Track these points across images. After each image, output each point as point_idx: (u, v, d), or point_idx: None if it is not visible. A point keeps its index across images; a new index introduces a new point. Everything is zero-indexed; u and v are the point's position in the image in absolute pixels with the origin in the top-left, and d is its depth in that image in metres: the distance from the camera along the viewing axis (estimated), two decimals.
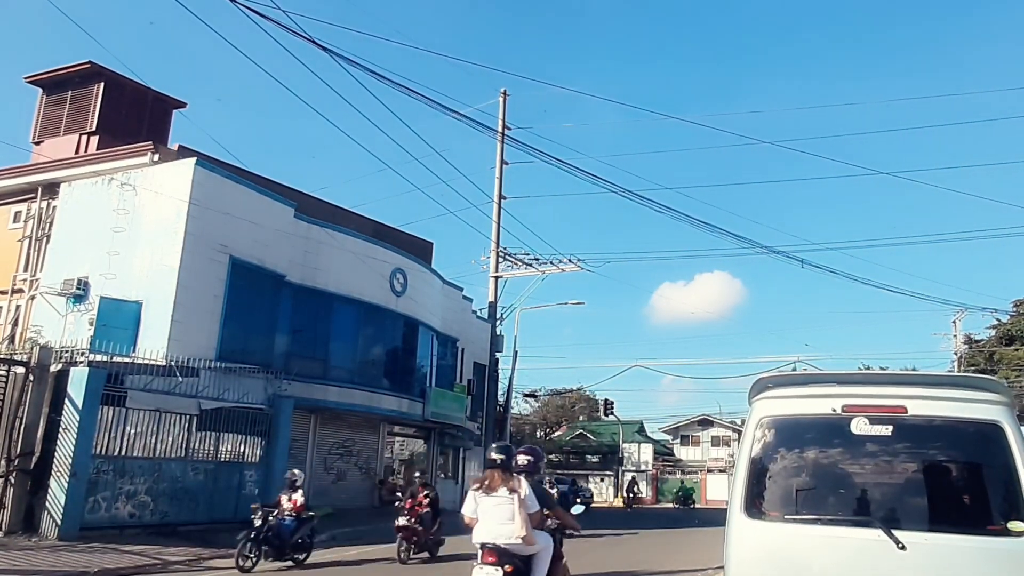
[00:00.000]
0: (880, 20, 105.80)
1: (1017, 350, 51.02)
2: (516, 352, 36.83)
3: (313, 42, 12.96)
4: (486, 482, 6.02)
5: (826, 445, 4.75)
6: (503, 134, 34.48)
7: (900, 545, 4.21)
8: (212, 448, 16.23)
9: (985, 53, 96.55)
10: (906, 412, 4.52)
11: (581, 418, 64.64)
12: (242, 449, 16.97)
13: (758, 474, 4.78)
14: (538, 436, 59.03)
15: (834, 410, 4.65)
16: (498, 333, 33.31)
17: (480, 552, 5.92)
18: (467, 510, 6.10)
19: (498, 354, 33.31)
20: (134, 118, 22.72)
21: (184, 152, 18.78)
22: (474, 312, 32.35)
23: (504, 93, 34.53)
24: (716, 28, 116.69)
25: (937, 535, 4.25)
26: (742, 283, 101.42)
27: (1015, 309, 50.20)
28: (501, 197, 33.87)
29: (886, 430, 4.53)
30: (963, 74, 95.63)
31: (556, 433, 62.15)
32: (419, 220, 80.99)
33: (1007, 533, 4.11)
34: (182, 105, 25.65)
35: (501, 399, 36.53)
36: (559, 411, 57.62)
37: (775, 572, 4.53)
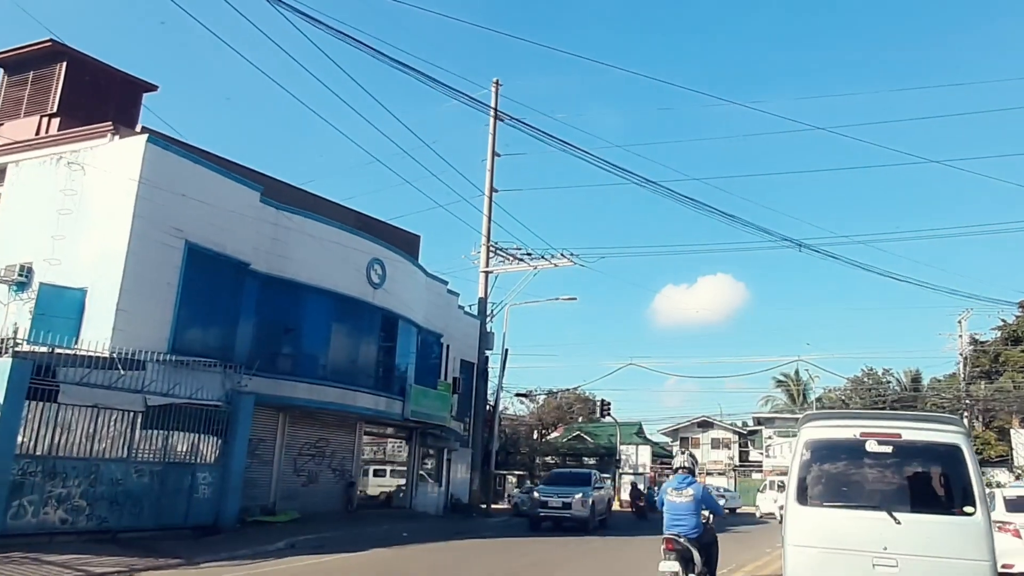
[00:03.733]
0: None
1: None
2: (506, 350, 35.73)
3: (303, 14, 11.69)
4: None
5: (849, 457, 7.48)
6: (495, 124, 33.37)
7: (897, 521, 6.95)
8: (160, 448, 14.93)
9: None
10: (901, 437, 7.35)
11: (580, 419, 63.25)
12: (195, 449, 15.69)
13: (805, 476, 7.50)
14: (534, 438, 57.62)
15: (855, 435, 7.41)
16: (488, 330, 32.11)
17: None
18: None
19: (488, 352, 32.14)
20: (99, 100, 21.39)
21: (150, 136, 17.58)
22: (461, 307, 31.08)
23: (496, 83, 33.39)
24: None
25: (920, 515, 7.03)
26: (745, 286, 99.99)
27: (1021, 311, 48.87)
28: (492, 190, 32.71)
29: (888, 448, 7.30)
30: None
31: (552, 435, 60.76)
32: (409, 215, 79.58)
33: (964, 514, 6.88)
34: (152, 88, 24.39)
35: (491, 399, 35.49)
36: (556, 412, 56.20)
37: (817, 539, 7.17)
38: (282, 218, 19.82)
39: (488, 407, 35.22)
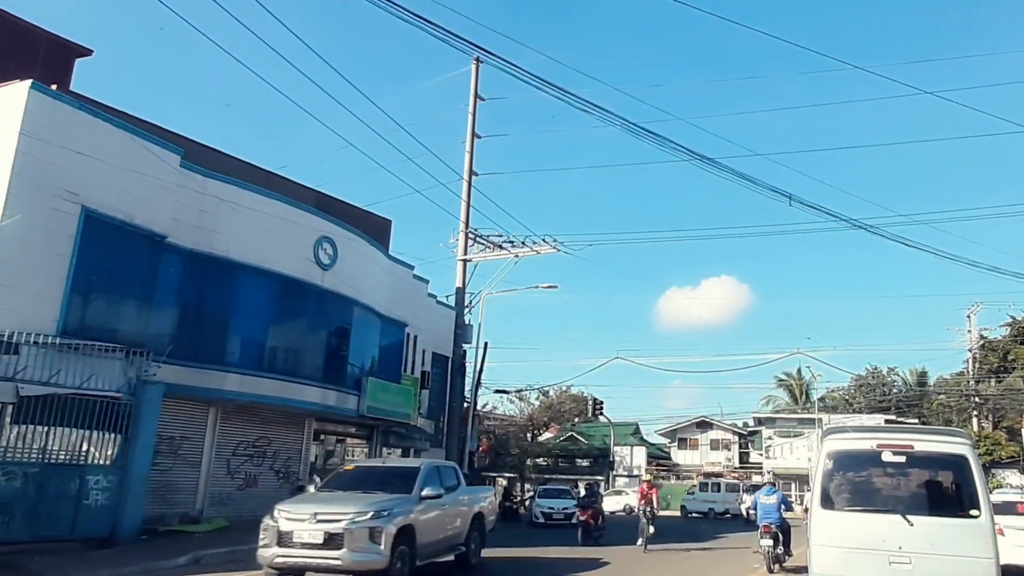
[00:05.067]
0: None
1: None
2: (486, 343, 33.44)
3: None
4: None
5: (867, 466, 8.48)
6: (475, 104, 31.16)
7: (910, 523, 7.82)
8: (38, 446, 12.66)
9: None
10: (913, 448, 8.27)
11: (577, 420, 60.76)
12: (86, 448, 13.40)
13: (828, 484, 8.42)
14: (528, 438, 55.21)
15: (872, 447, 8.39)
16: (466, 322, 29.80)
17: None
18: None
19: (465, 345, 29.85)
20: (24, 63, 19.15)
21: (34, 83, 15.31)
22: (432, 296, 28.83)
23: (477, 60, 31.08)
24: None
25: (931, 518, 7.90)
26: (749, 288, 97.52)
27: None
28: (472, 173, 30.41)
29: (902, 458, 8.25)
30: None
31: (545, 435, 58.39)
32: (384, 201, 77.26)
33: (970, 517, 7.77)
34: (86, 52, 22.24)
35: (469, 395, 33.21)
36: (547, 412, 53.83)
37: (839, 539, 8.06)
38: (211, 187, 17.55)
39: (465, 404, 33.06)
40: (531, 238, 29.25)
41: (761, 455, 53.36)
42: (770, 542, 13.55)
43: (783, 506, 14.29)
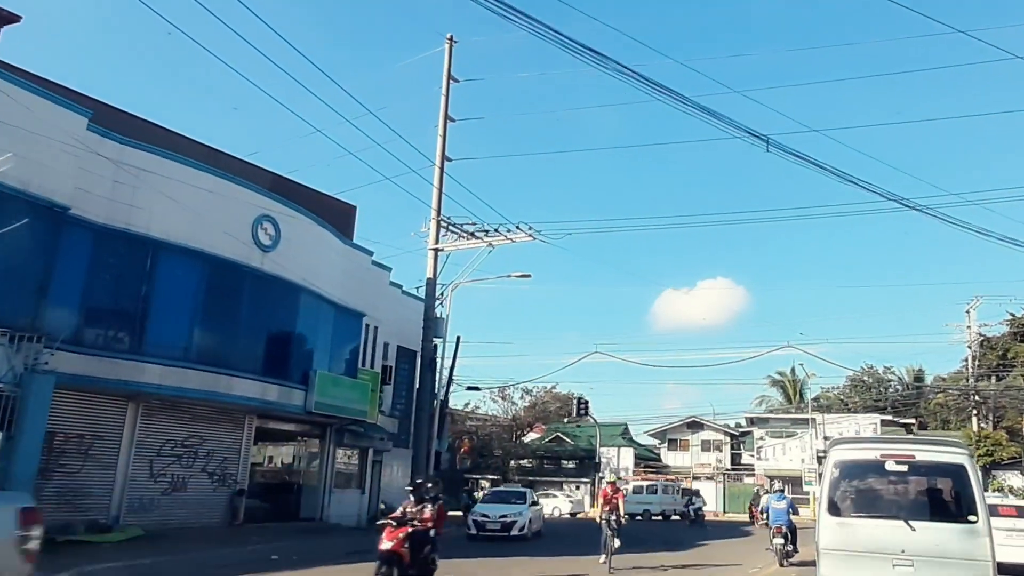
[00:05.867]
0: None
1: None
2: (458, 337, 31.66)
3: None
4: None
5: (871, 475, 8.73)
6: (448, 86, 29.41)
7: (912, 528, 8.04)
8: None
9: None
10: (915, 458, 8.56)
11: (567, 420, 58.91)
12: None
13: (834, 491, 8.64)
14: (512, 439, 53.35)
15: (876, 456, 8.62)
16: (438, 315, 28.01)
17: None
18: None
19: (437, 339, 28.05)
20: None
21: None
22: (396, 286, 27.00)
23: (450, 39, 29.33)
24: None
25: (931, 523, 8.12)
26: (745, 290, 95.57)
27: None
28: (444, 158, 28.62)
29: (904, 467, 8.54)
30: None
31: (529, 436, 56.55)
32: (354, 189, 75.10)
33: (968, 522, 8.00)
34: (15, 19, 20.38)
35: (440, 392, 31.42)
36: (532, 411, 52.00)
37: (845, 544, 8.29)
38: (129, 156, 15.72)
39: (436, 402, 31.29)
40: (505, 226, 27.44)
41: (752, 456, 51.55)
42: (781, 540, 15.76)
43: (790, 509, 16.41)
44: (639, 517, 37.39)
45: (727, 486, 49.62)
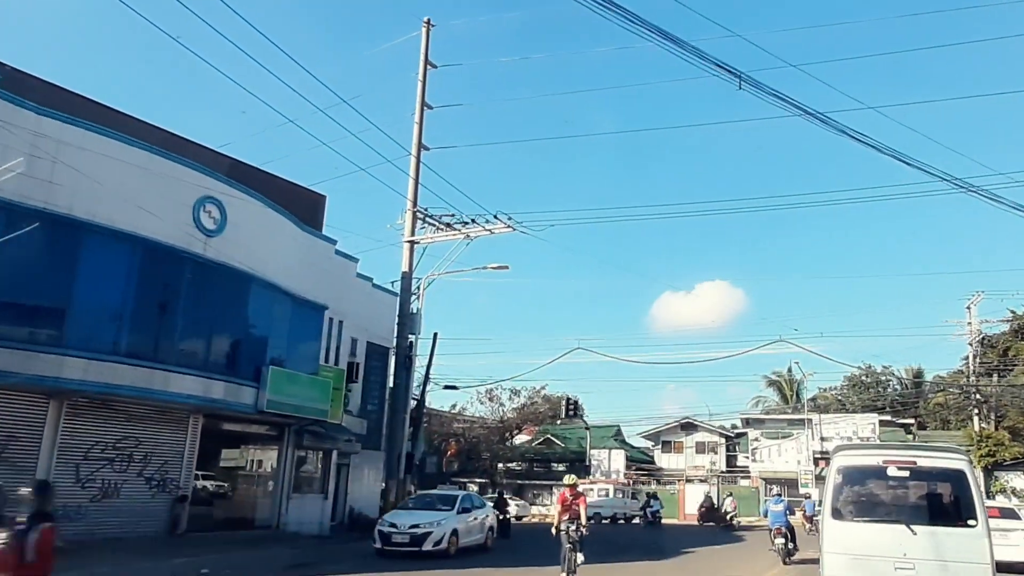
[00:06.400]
0: None
1: None
2: (435, 334, 30.26)
3: None
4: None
5: (874, 480, 8.95)
6: (425, 71, 28.05)
7: (913, 532, 8.32)
8: None
9: None
10: (916, 464, 8.81)
11: (560, 422, 57.35)
12: None
13: (838, 496, 8.89)
14: (503, 442, 51.79)
15: (878, 463, 8.92)
16: (414, 310, 26.55)
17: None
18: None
19: (413, 336, 26.61)
20: None
21: None
22: (366, 278, 25.52)
23: (427, 23, 27.98)
24: None
25: (932, 527, 8.37)
26: (744, 292, 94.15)
27: None
28: (421, 147, 27.26)
29: (906, 473, 8.77)
30: None
31: (518, 438, 55.03)
32: (328, 180, 73.25)
33: (967, 526, 8.28)
34: None
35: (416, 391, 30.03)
36: (519, 412, 50.49)
37: (849, 547, 8.50)
38: (48, 128, 14.24)
39: (413, 401, 29.78)
40: (484, 216, 25.97)
41: (747, 457, 50.04)
42: (782, 540, 17.02)
43: (788, 511, 17.76)
44: (591, 520, 36.18)
45: (721, 489, 48.02)
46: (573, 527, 12.13)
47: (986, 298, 41.63)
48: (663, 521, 36.29)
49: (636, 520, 38.37)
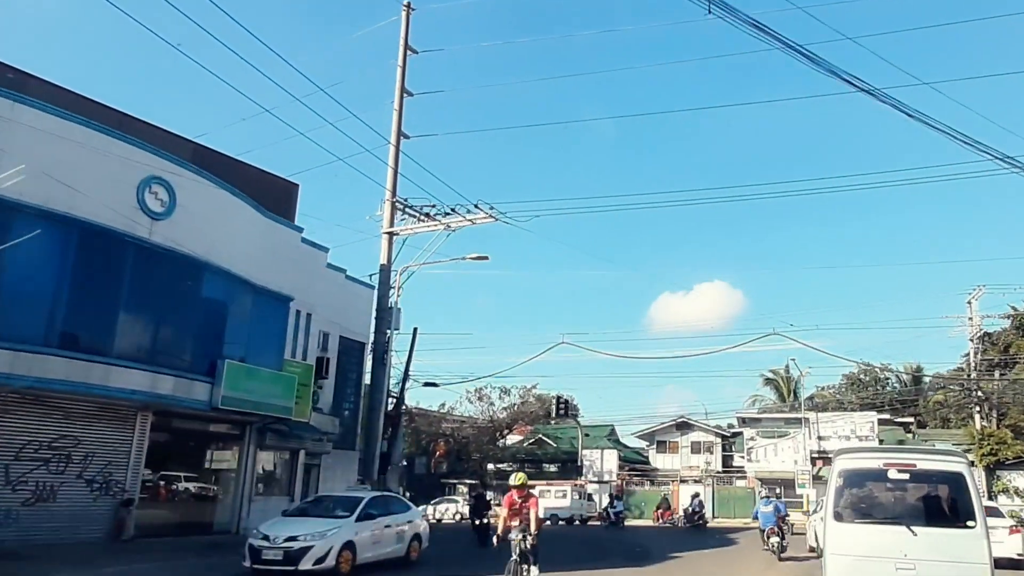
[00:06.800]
0: None
1: None
2: (415, 329, 29.07)
3: None
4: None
5: (875, 482, 9.11)
6: (405, 57, 26.92)
7: (914, 533, 8.43)
8: None
9: None
10: (916, 466, 8.94)
11: (554, 421, 56.13)
12: None
13: (839, 498, 9.00)
14: (494, 442, 50.59)
15: (879, 465, 9.05)
16: (393, 305, 25.40)
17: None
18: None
19: (392, 331, 25.46)
20: None
21: None
22: (340, 271, 24.38)
23: (408, 7, 26.83)
24: None
25: (932, 528, 8.53)
26: (743, 293, 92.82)
27: None
28: (401, 135, 26.08)
29: (905, 475, 8.90)
30: None
31: (510, 438, 53.83)
32: (306, 171, 71.56)
33: (966, 527, 8.41)
34: None
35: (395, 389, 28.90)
36: (509, 411, 49.22)
37: (851, 548, 8.69)
38: None
39: (391, 400, 28.60)
40: (464, 206, 24.79)
41: (743, 457, 48.84)
42: (777, 539, 17.76)
43: (778, 511, 18.49)
44: (547, 522, 35.42)
45: (716, 489, 46.84)
46: (520, 536, 9.96)
47: (987, 293, 40.51)
48: (626, 523, 35.13)
49: (593, 522, 37.96)
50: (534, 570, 9.98)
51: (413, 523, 15.40)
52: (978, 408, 40.92)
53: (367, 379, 26.29)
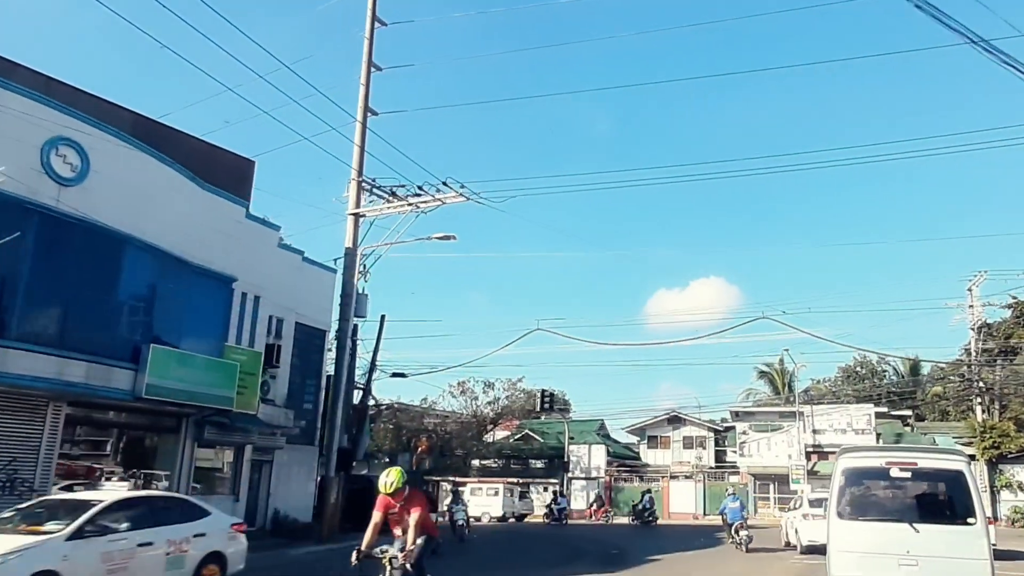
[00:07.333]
0: None
1: None
2: (383, 317, 27.49)
3: None
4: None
5: (877, 481, 9.38)
6: (372, 28, 25.27)
7: (916, 530, 8.62)
8: None
9: None
10: (917, 465, 9.17)
11: (543, 416, 54.39)
12: None
13: (843, 496, 9.20)
14: (479, 437, 48.92)
15: (881, 464, 9.35)
16: (361, 291, 23.71)
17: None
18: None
19: (359, 319, 23.81)
20: None
21: None
22: (297, 252, 22.66)
23: None
24: None
25: (933, 525, 8.73)
26: (739, 290, 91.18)
27: None
28: (368, 111, 24.42)
29: (907, 474, 9.11)
30: None
31: (496, 433, 52.15)
32: (271, 151, 69.28)
33: (967, 524, 8.62)
34: None
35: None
36: (493, 405, 47.59)
37: (854, 545, 8.90)
38: None
39: (358, 391, 26.88)
40: (433, 184, 23.06)
41: (735, 452, 47.24)
42: (746, 533, 18.83)
43: (743, 508, 20.51)
44: (478, 521, 35.25)
45: (707, 485, 45.27)
46: (392, 552, 6.93)
47: (989, 279, 38.92)
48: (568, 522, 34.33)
49: (528, 519, 38.23)
50: None
51: (207, 538, 10.75)
52: (979, 400, 39.39)
53: (330, 369, 24.69)
